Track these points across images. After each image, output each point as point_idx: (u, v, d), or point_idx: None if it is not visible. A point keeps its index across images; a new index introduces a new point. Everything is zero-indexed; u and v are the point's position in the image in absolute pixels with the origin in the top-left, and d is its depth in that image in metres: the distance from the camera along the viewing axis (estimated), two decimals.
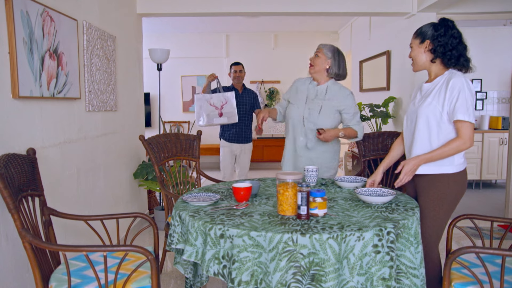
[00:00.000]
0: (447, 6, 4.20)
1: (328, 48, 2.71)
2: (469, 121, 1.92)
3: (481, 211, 4.75)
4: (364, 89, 6.32)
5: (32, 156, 1.97)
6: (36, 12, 2.22)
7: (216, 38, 8.09)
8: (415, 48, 2.12)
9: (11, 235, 2.01)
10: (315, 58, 2.73)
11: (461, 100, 1.92)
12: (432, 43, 2.04)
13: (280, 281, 1.50)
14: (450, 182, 2.00)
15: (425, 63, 2.10)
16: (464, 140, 1.93)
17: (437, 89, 2.02)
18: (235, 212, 1.84)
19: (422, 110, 2.05)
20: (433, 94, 2.03)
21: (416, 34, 2.13)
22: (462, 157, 2.04)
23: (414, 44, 2.13)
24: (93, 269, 1.61)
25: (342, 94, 2.71)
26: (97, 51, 3.09)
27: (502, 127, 5.99)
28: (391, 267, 1.57)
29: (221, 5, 4.18)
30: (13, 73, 2.04)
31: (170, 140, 3.05)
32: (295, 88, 2.88)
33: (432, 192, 2.03)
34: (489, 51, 6.34)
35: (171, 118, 8.13)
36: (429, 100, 2.03)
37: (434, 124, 2.02)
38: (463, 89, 1.92)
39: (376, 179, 2.27)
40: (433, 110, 2.01)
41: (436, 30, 2.04)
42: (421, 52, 2.09)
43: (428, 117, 2.03)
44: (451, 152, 1.96)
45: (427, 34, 2.06)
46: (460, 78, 1.95)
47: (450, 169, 2.01)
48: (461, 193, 2.05)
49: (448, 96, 1.95)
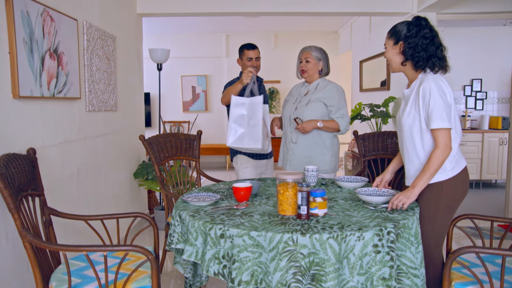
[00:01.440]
0: (447, 6, 4.20)
1: (315, 51, 2.79)
2: (442, 128, 1.85)
3: (481, 211, 4.75)
4: (364, 89, 6.32)
5: (32, 156, 1.97)
6: (36, 12, 2.22)
7: (216, 38, 8.09)
8: (389, 49, 2.02)
9: (12, 235, 2.01)
10: (306, 64, 2.79)
11: (432, 106, 1.85)
12: (404, 45, 1.96)
13: (280, 281, 1.50)
14: (443, 187, 1.94)
15: (399, 66, 2.02)
16: (441, 149, 1.86)
17: (413, 96, 1.95)
18: (235, 212, 1.84)
19: (404, 121, 2.00)
20: (410, 103, 1.96)
21: (390, 33, 2.02)
22: (454, 161, 1.96)
23: (388, 44, 2.03)
24: (93, 269, 1.61)
25: (329, 87, 2.79)
26: (97, 51, 3.09)
27: (502, 127, 5.99)
28: (391, 267, 1.57)
29: (221, 5, 4.18)
30: (13, 73, 2.04)
31: (170, 140, 3.05)
32: (289, 95, 3.01)
33: (426, 197, 1.98)
34: (489, 51, 6.34)
35: (171, 118, 8.13)
36: (407, 109, 1.98)
37: (417, 135, 1.96)
38: (433, 93, 1.84)
39: (385, 178, 2.22)
40: (413, 119, 1.95)
41: (408, 30, 1.95)
42: (395, 54, 2.01)
43: (411, 128, 1.97)
44: (436, 166, 1.88)
45: (401, 35, 1.97)
46: (429, 83, 1.87)
47: (442, 177, 1.94)
48: (461, 195, 2.00)
49: (421, 103, 1.89)
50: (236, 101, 2.75)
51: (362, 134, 3.12)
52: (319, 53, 2.79)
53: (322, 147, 2.79)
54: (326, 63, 2.83)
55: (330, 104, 2.75)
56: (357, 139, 3.10)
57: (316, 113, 2.75)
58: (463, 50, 6.32)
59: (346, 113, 2.79)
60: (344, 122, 2.76)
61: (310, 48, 2.82)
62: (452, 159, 1.96)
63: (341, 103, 2.78)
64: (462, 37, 6.30)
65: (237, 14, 4.36)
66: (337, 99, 2.76)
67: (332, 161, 2.84)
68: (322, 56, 2.80)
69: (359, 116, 5.12)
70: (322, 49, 2.84)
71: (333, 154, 2.84)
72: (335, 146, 2.87)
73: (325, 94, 2.76)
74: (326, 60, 2.82)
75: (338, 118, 2.75)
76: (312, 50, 2.79)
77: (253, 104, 2.71)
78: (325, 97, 2.76)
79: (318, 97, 2.76)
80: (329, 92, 2.77)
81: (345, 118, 2.76)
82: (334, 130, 2.78)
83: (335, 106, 2.75)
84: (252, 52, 3.08)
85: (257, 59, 3.10)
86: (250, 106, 2.72)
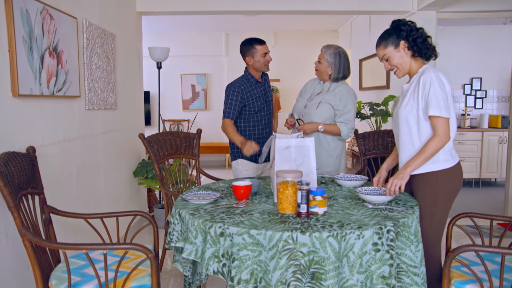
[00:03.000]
0: (447, 5, 4.20)
1: (329, 54, 2.74)
2: (441, 116, 1.90)
3: (481, 209, 4.75)
4: (364, 87, 6.32)
5: (32, 154, 1.97)
6: (35, 10, 2.22)
7: (216, 36, 8.08)
8: (394, 55, 2.05)
9: (11, 233, 2.01)
10: (318, 64, 2.80)
11: (431, 94, 1.90)
12: (406, 41, 2.02)
13: (280, 279, 1.50)
14: (439, 179, 1.98)
15: (408, 64, 2.06)
16: (440, 137, 1.90)
17: (413, 88, 2.01)
18: (235, 210, 1.84)
19: (401, 112, 2.04)
20: (409, 94, 2.02)
21: (384, 44, 2.06)
22: (449, 154, 2.00)
23: (389, 52, 2.05)
24: (93, 267, 1.61)
25: (338, 89, 2.76)
26: (96, 50, 3.09)
27: (502, 125, 5.99)
28: (391, 265, 1.57)
29: (221, 3, 4.17)
30: (12, 71, 2.04)
31: (170, 139, 3.05)
32: (304, 88, 2.98)
33: (424, 191, 2.02)
34: (489, 50, 6.33)
35: (171, 116, 8.13)
36: (406, 100, 2.03)
37: (414, 124, 2.00)
38: (433, 83, 1.90)
39: (382, 176, 2.25)
40: (410, 109, 2.00)
41: (400, 29, 2.02)
42: (402, 55, 2.04)
43: (408, 118, 2.01)
44: (431, 152, 1.92)
45: (398, 37, 2.02)
46: (430, 74, 1.93)
47: (436, 167, 1.98)
48: (455, 189, 2.03)
49: (421, 93, 1.94)
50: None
51: (362, 132, 3.12)
52: (332, 58, 2.73)
53: (326, 148, 2.77)
54: (338, 70, 2.73)
55: (337, 107, 2.72)
56: (357, 137, 3.10)
57: (324, 115, 2.73)
58: (463, 49, 6.31)
59: (352, 118, 2.74)
60: (347, 128, 2.72)
61: (326, 49, 2.76)
62: (447, 151, 2.00)
63: (348, 107, 2.72)
64: (462, 35, 6.30)
65: (236, 13, 4.36)
66: (344, 103, 2.72)
67: (336, 163, 2.82)
68: (336, 62, 2.72)
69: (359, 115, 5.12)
70: (340, 54, 2.74)
71: (337, 156, 2.81)
72: (340, 148, 2.83)
73: (334, 96, 2.73)
74: (339, 66, 2.73)
75: (340, 123, 2.72)
76: (327, 52, 2.75)
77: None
78: (334, 99, 2.72)
79: (327, 99, 2.73)
80: (338, 95, 2.73)
81: (348, 124, 2.72)
82: (335, 135, 2.75)
83: (340, 110, 2.72)
84: (265, 47, 2.91)
85: (268, 53, 2.94)
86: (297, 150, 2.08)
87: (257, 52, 2.88)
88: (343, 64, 2.75)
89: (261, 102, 2.96)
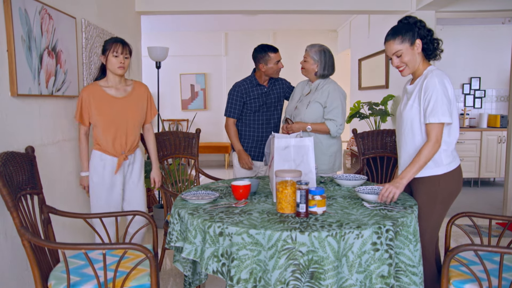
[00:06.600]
0: (446, 4, 4.20)
1: (314, 52, 2.79)
2: (436, 122, 1.89)
3: (480, 209, 4.76)
4: (363, 87, 6.32)
5: (31, 154, 1.96)
6: (34, 10, 2.21)
7: (215, 36, 8.07)
8: (408, 52, 1.99)
9: (10, 233, 2.01)
10: (304, 62, 2.83)
11: (432, 101, 1.89)
12: (422, 41, 2.00)
13: (279, 278, 1.50)
14: (440, 181, 1.98)
15: (418, 63, 2.04)
16: (431, 143, 1.90)
17: (417, 90, 2.00)
18: (234, 210, 1.84)
19: (406, 114, 2.04)
20: (413, 96, 2.01)
21: (401, 39, 1.98)
22: (451, 156, 2.00)
23: (404, 49, 1.99)
24: (92, 267, 1.61)
25: (326, 87, 2.78)
26: (95, 49, 3.09)
27: (501, 125, 6.00)
28: (390, 265, 1.57)
29: (220, 3, 4.17)
30: (11, 71, 2.03)
31: (169, 138, 3.05)
32: (294, 90, 3.03)
33: (424, 191, 2.02)
34: (488, 50, 6.34)
35: (170, 116, 8.12)
36: (410, 102, 2.02)
37: (417, 126, 2.00)
38: (436, 89, 1.89)
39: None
40: (415, 112, 2.00)
41: (418, 27, 1.99)
42: (415, 54, 2.00)
43: (412, 121, 2.01)
44: (425, 160, 1.91)
45: (414, 35, 1.98)
46: (433, 78, 1.92)
47: (439, 170, 1.98)
48: (455, 192, 2.03)
49: (423, 97, 1.94)
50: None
51: (361, 132, 3.12)
52: (318, 55, 2.76)
53: (319, 147, 2.77)
54: (323, 66, 2.77)
55: (324, 104, 2.74)
56: (356, 137, 3.10)
57: (315, 115, 2.75)
58: (462, 49, 6.32)
59: (340, 115, 2.71)
60: (334, 125, 2.70)
61: (311, 48, 2.81)
62: (450, 154, 2.00)
63: (335, 104, 2.72)
64: (460, 35, 6.30)
65: (235, 12, 4.35)
66: (331, 99, 2.72)
67: (330, 161, 2.82)
68: (321, 58, 2.76)
69: (358, 114, 5.12)
70: (324, 51, 2.78)
71: (331, 155, 2.81)
72: (334, 146, 2.82)
73: (322, 93, 2.76)
74: (325, 62, 2.77)
75: (328, 121, 2.72)
76: (311, 50, 2.79)
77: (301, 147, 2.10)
78: (322, 97, 2.75)
79: (316, 98, 2.76)
80: (325, 91, 2.75)
81: (336, 121, 2.70)
82: (325, 133, 2.76)
83: (327, 107, 2.73)
84: (278, 54, 3.00)
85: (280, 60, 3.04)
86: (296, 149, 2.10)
87: (270, 59, 2.96)
88: (328, 60, 2.79)
89: (259, 103, 3.06)
